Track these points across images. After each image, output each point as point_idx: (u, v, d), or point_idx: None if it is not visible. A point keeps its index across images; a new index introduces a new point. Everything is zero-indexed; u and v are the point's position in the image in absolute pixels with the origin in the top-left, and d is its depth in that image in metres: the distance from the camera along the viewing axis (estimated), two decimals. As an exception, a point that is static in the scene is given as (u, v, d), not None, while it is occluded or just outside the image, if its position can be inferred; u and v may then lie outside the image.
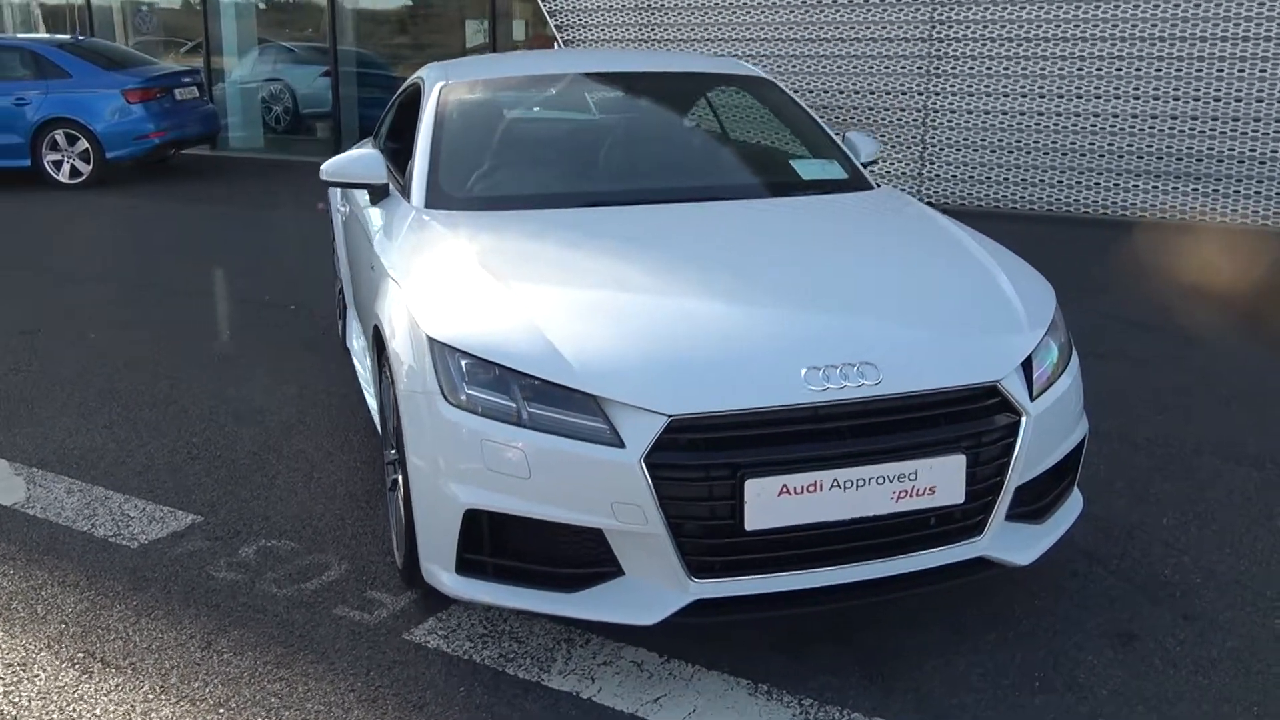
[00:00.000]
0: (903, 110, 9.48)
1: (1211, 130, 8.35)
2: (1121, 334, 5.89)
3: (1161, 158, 8.57)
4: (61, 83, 11.48)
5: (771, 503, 2.56)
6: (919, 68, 9.31)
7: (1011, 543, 2.89)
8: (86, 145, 11.41)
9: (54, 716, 2.66)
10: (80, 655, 2.92)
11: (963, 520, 2.78)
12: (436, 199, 3.61)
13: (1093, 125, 8.77)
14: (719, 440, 2.57)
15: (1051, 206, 9.08)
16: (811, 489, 2.58)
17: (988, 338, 2.89)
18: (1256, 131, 8.19)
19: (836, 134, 4.28)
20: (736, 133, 4.36)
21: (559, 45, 11.02)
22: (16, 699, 2.73)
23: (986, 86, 9.10)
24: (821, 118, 9.48)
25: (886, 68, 9.46)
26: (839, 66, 9.65)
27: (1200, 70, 8.31)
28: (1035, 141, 9.01)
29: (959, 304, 3.03)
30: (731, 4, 10.03)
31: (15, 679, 2.81)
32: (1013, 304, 3.02)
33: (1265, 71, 8.09)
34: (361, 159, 3.83)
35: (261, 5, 15.10)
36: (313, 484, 3.99)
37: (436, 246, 3.27)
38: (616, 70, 4.42)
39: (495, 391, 2.67)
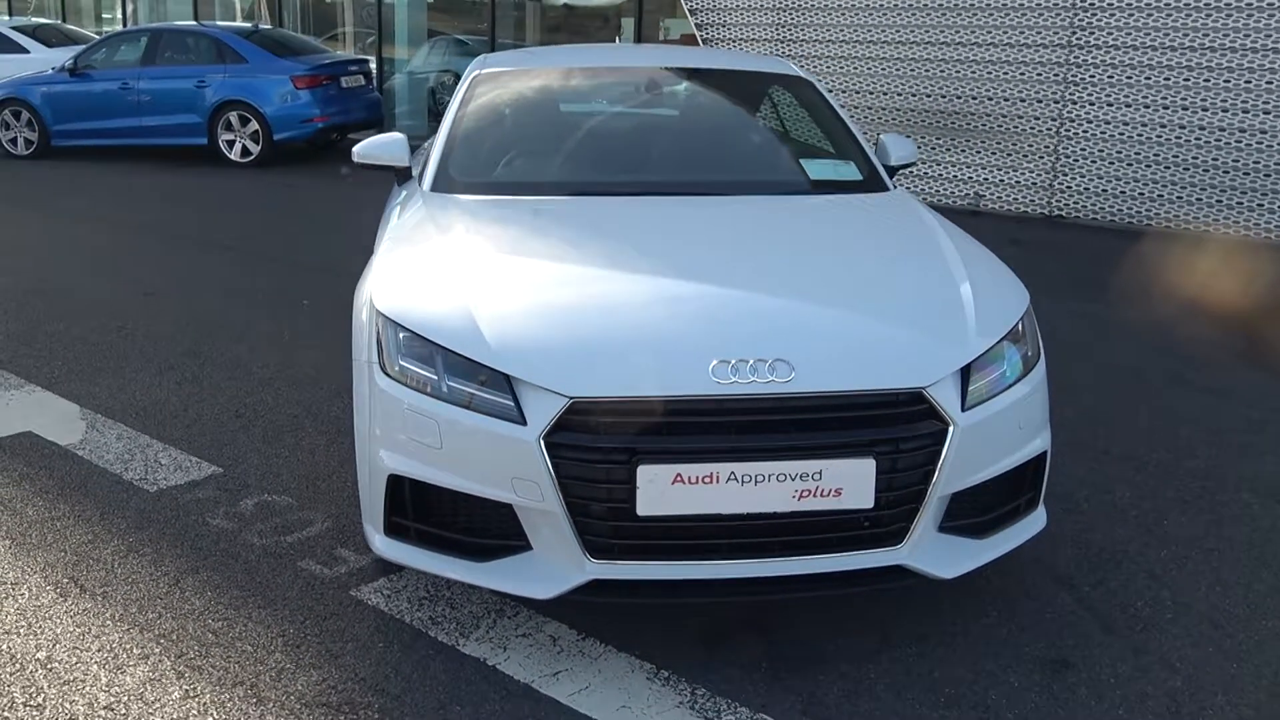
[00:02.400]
0: (1036, 119, 9.13)
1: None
2: (1228, 366, 5.56)
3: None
4: (238, 68, 12.31)
5: (665, 490, 2.59)
6: (1055, 75, 8.95)
7: (939, 555, 2.83)
8: (257, 126, 12.19)
9: (22, 630, 2.95)
10: (65, 580, 3.21)
11: (881, 526, 2.74)
12: (442, 183, 3.78)
13: (1241, 140, 8.23)
14: (617, 425, 2.62)
15: (1194, 224, 8.57)
16: (708, 480, 2.60)
17: (922, 344, 2.83)
18: None
19: (873, 136, 4.21)
20: (765, 131, 4.36)
21: (701, 42, 11.10)
22: (-2, 612, 3.04)
23: (1127, 97, 8.67)
24: (944, 124, 9.30)
25: (1021, 74, 9.13)
26: (972, 72, 9.37)
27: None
28: (1178, 156, 8.52)
29: (904, 309, 2.98)
30: (868, 5, 9.88)
31: (3, 596, 3.13)
32: (964, 312, 2.95)
33: None
34: (388, 142, 4.04)
35: (431, 0, 15.75)
36: (334, 447, 4.23)
37: (419, 227, 3.43)
38: (653, 66, 4.48)
39: (423, 364, 2.80)
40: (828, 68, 10.27)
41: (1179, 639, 3.01)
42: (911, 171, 9.92)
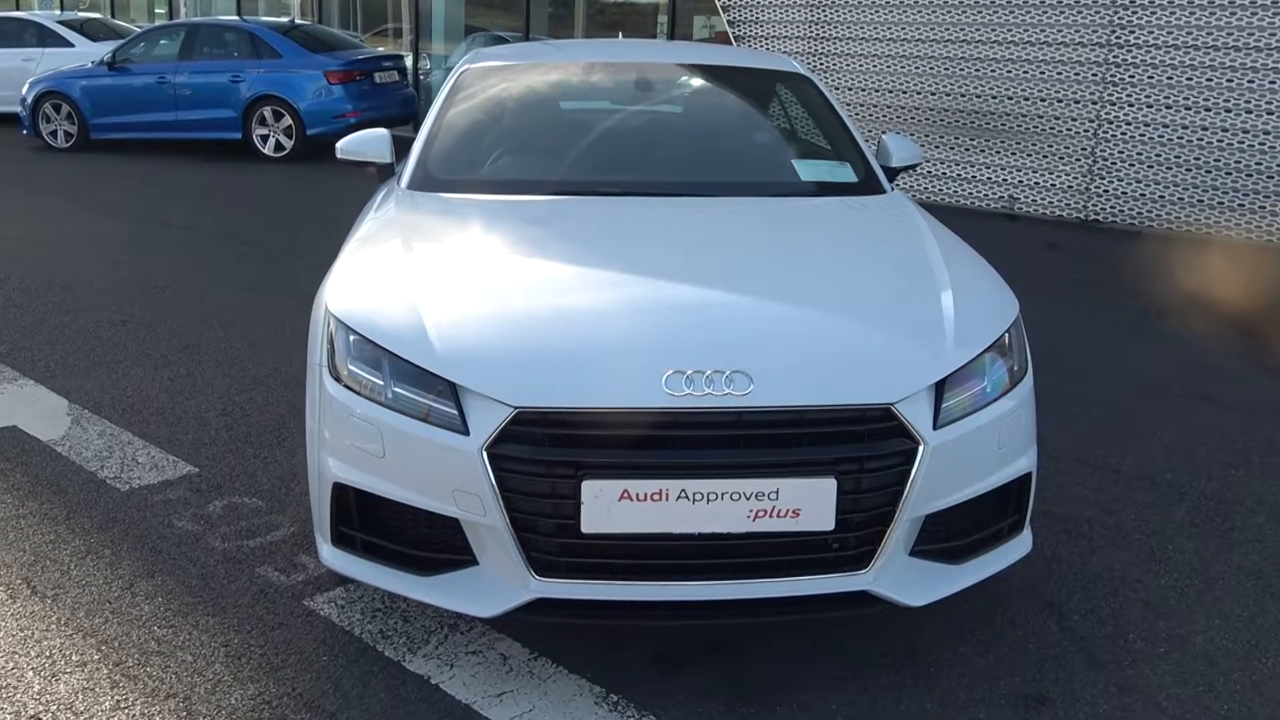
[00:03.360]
0: (1073, 120, 8.86)
1: None
2: (1257, 382, 5.32)
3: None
4: (273, 63, 12.35)
5: (611, 507, 2.46)
6: (1094, 75, 8.67)
7: (908, 580, 2.67)
8: (290, 121, 12.22)
9: (-35, 633, 2.89)
10: (18, 581, 3.15)
11: (845, 550, 2.58)
12: (418, 180, 3.67)
13: (1287, 145, 7.93)
14: (564, 437, 2.49)
15: (1236, 231, 8.26)
16: (656, 497, 2.46)
17: (893, 358, 2.66)
18: None
19: (873, 136, 4.04)
20: (759, 131, 4.19)
21: (733, 40, 10.93)
22: (-56, 613, 2.98)
23: (1168, 98, 8.38)
24: (979, 124, 9.01)
25: (1059, 74, 8.86)
26: (1008, 71, 9.11)
27: None
28: (1220, 160, 8.22)
29: (877, 320, 2.81)
30: (903, 2, 9.65)
31: (-47, 596, 3.07)
32: (943, 323, 2.78)
33: None
34: (372, 138, 3.95)
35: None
36: (314, 449, 4.14)
37: (386, 226, 3.32)
38: (648, 62, 4.35)
39: (371, 369, 2.69)
40: (860, 65, 10.06)
41: (1169, 676, 2.82)
42: (944, 174, 9.69)
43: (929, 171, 9.77)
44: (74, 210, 9.10)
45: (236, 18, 15.98)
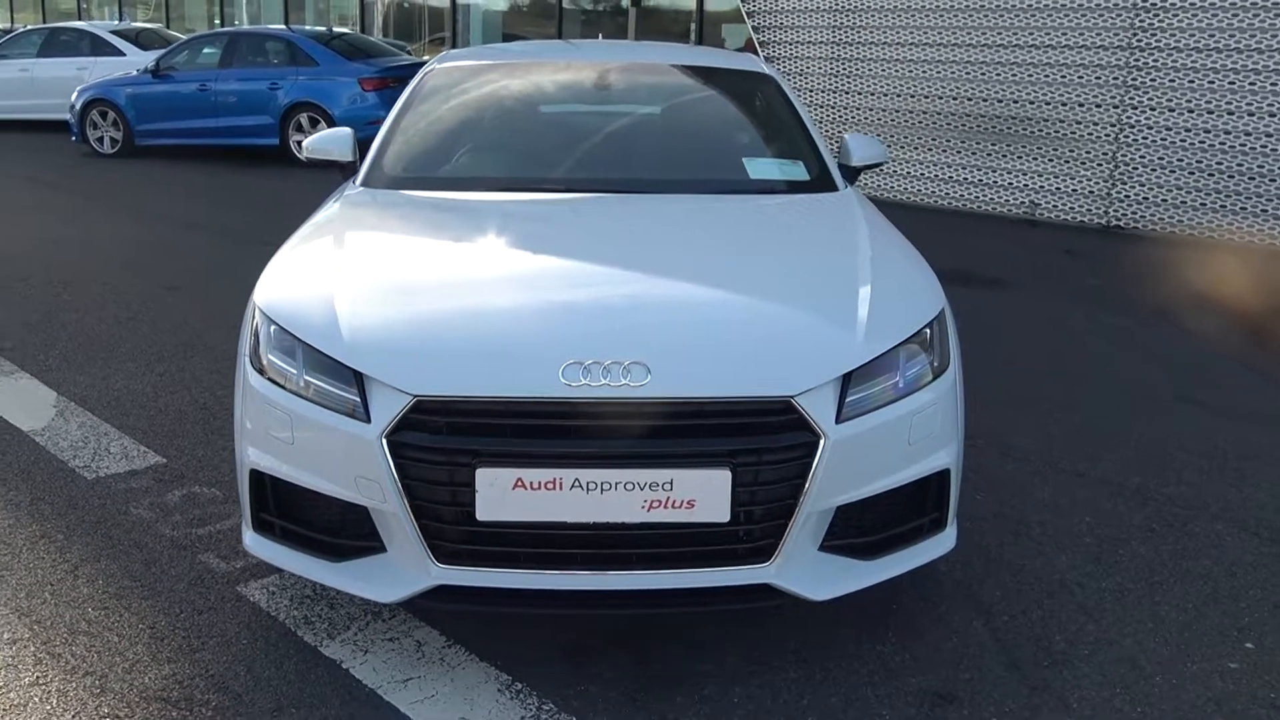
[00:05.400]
0: (1095, 124, 8.72)
1: None
2: (1253, 388, 5.20)
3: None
4: (309, 70, 12.59)
5: (505, 495, 2.49)
6: (1115, 78, 8.54)
7: (812, 575, 2.66)
8: (326, 128, 12.43)
9: (-91, 611, 2.99)
10: (-32, 563, 3.26)
11: (744, 541, 2.59)
12: (372, 177, 3.73)
13: (1312, 149, 7.74)
14: (460, 425, 2.52)
15: (1260, 238, 8.07)
16: (550, 486, 2.49)
17: (796, 351, 2.66)
18: None
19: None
20: (715, 129, 4.19)
21: (757, 47, 10.93)
22: (-107, 591, 3.09)
23: (1191, 101, 8.21)
24: (999, 129, 8.89)
25: (1079, 77, 8.73)
26: (1029, 75, 9.00)
27: None
28: (1244, 165, 8.04)
29: (786, 314, 2.81)
30: (924, 6, 9.58)
31: (-95, 575, 3.18)
32: (855, 317, 2.77)
33: None
34: (335, 137, 4.02)
35: (504, 7, 15.90)
36: (283, 442, 4.21)
37: (327, 222, 3.39)
38: (613, 61, 4.38)
39: (287, 358, 2.75)
40: (883, 70, 9.99)
41: (1086, 678, 2.77)
42: (965, 179, 9.59)
43: (949, 177, 9.68)
44: (107, 213, 9.35)
45: (279, 27, 16.31)
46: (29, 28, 17.52)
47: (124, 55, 15.38)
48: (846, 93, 10.29)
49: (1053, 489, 3.91)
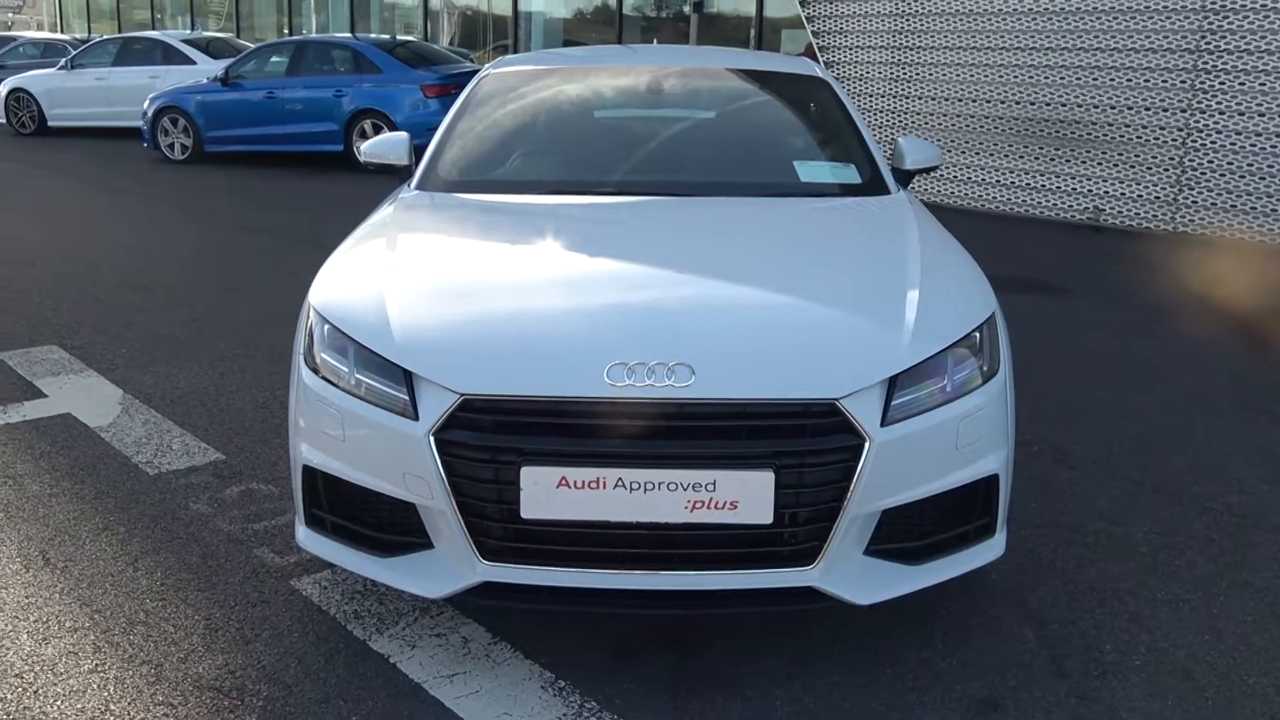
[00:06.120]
0: (1161, 129, 8.55)
1: None
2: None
3: None
4: (373, 77, 12.78)
5: (549, 494, 2.51)
6: (1182, 81, 8.37)
7: (857, 578, 2.65)
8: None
9: (-23, 598, 3.10)
10: (35, 554, 3.36)
11: (789, 544, 2.58)
12: (426, 180, 3.79)
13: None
14: (505, 424, 2.55)
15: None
16: (594, 485, 2.51)
17: (843, 353, 2.65)
18: None
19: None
20: (768, 132, 4.19)
21: (816, 52, 10.89)
22: (-37, 580, 3.20)
23: (1260, 105, 8.02)
24: (1063, 133, 8.75)
25: (1145, 81, 8.57)
26: (1093, 78, 8.86)
27: None
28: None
29: (834, 316, 2.81)
30: (987, 11, 9.47)
31: (-26, 564, 3.29)
32: (903, 320, 2.75)
33: None
34: (392, 141, 4.09)
35: (565, 14, 16.00)
36: (339, 441, 4.29)
37: (382, 224, 3.45)
38: (667, 66, 4.39)
39: (339, 356, 2.81)
40: (944, 75, 9.90)
41: (1137, 689, 2.73)
42: (1027, 184, 9.46)
43: (1011, 182, 9.56)
44: (175, 217, 9.58)
45: (345, 35, 16.58)
46: (105, 37, 17.99)
47: (195, 64, 15.73)
48: (907, 97, 10.21)
49: (1109, 496, 3.85)
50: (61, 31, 32.58)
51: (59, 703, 2.62)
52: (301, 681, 2.72)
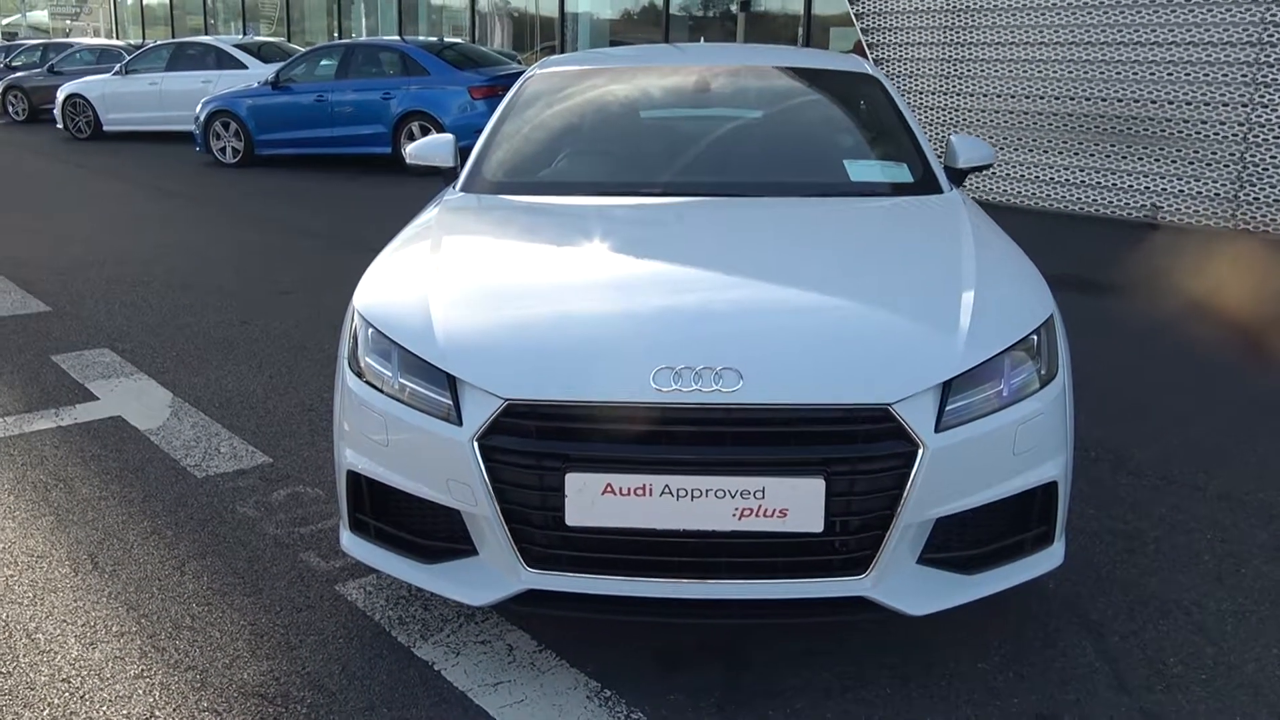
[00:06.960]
0: (1221, 124, 8.35)
1: None
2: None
3: None
4: (421, 79, 12.84)
5: (595, 500, 2.47)
6: (1243, 75, 8.15)
7: (911, 588, 2.58)
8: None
9: (27, 600, 3.11)
10: (83, 557, 3.37)
11: (840, 553, 2.52)
12: (471, 182, 3.77)
13: None
14: (549, 430, 2.51)
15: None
16: (640, 492, 2.46)
17: (895, 357, 2.57)
18: None
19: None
20: (817, 131, 4.11)
21: (865, 50, 10.77)
22: (14, 580, 3.21)
23: (1326, 98, 7.81)
24: (1119, 129, 8.57)
25: (1205, 75, 8.36)
26: (1151, 73, 8.66)
27: None
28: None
29: (887, 319, 2.73)
30: (1040, 5, 9.30)
31: (26, 565, 3.31)
32: (958, 324, 2.67)
33: None
34: (437, 143, 4.07)
35: (612, 15, 15.97)
36: (385, 444, 4.28)
37: (426, 226, 3.42)
38: (714, 65, 4.33)
39: (383, 360, 2.78)
40: (997, 71, 9.74)
41: (1202, 704, 2.63)
42: (1083, 181, 9.28)
43: (1066, 180, 9.38)
44: (226, 220, 9.67)
45: (393, 38, 16.68)
46: (158, 43, 18.26)
47: (246, 68, 15.91)
48: (958, 94, 10.06)
49: (1170, 504, 3.73)
50: (116, 37, 33.18)
51: (105, 708, 2.62)
52: (345, 688, 2.70)
